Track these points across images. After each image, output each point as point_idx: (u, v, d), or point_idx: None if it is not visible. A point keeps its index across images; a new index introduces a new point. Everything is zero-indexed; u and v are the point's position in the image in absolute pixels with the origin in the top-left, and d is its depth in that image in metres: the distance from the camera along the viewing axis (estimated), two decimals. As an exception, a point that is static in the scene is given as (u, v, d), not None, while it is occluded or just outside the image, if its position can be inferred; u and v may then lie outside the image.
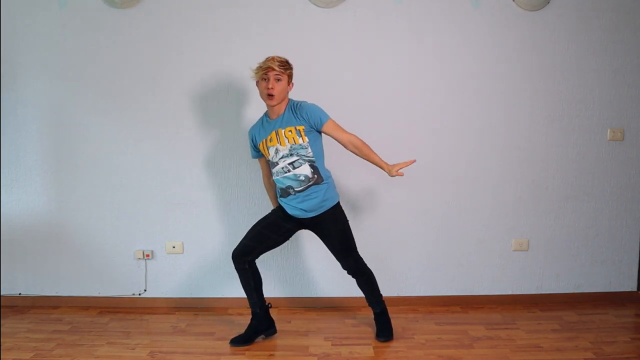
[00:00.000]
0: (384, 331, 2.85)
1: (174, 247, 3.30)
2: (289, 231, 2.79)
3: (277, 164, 2.67)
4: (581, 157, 3.31)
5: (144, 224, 3.28)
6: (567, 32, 3.22)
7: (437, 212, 3.31)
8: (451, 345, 2.76)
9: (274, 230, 2.76)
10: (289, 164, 2.64)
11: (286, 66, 2.64)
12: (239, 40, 3.16)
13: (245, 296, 2.80)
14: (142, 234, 3.29)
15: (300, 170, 2.64)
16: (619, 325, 3.04)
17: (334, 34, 3.16)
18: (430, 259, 3.34)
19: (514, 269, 3.37)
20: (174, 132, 3.22)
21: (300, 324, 3.06)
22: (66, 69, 3.18)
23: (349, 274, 2.81)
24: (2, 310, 3.21)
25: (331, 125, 2.66)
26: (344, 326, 3.04)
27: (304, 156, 2.64)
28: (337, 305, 3.30)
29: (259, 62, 2.64)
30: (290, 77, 2.67)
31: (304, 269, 3.33)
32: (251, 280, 2.78)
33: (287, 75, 2.64)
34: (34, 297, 3.33)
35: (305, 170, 2.64)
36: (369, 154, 2.65)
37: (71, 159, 3.24)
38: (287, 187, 2.67)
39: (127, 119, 3.22)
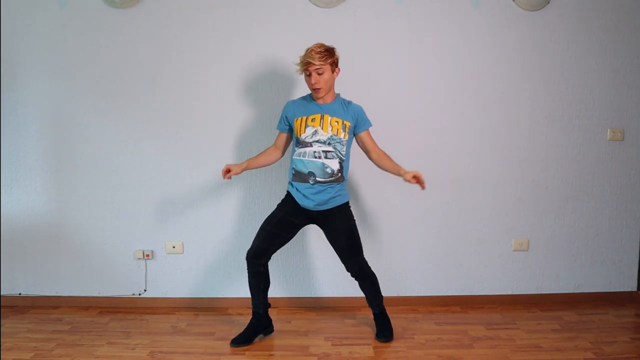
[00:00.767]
0: (384, 331, 2.85)
1: (174, 247, 3.30)
2: (297, 226, 2.77)
3: (311, 145, 2.64)
4: (581, 157, 3.31)
5: (144, 224, 3.28)
6: (567, 32, 3.22)
7: (437, 212, 3.31)
8: (451, 345, 2.76)
9: (284, 227, 2.73)
10: (323, 151, 2.63)
11: (326, 57, 2.57)
12: (239, 40, 3.16)
13: (245, 296, 2.80)
14: (142, 234, 3.29)
15: (330, 162, 2.64)
16: (619, 325, 3.04)
17: (334, 34, 3.15)
18: (430, 259, 3.34)
19: (514, 269, 3.37)
20: (174, 132, 3.22)
21: (300, 324, 3.06)
22: (66, 69, 3.18)
23: (352, 276, 2.79)
24: (2, 310, 3.21)
25: (369, 132, 2.75)
26: (344, 326, 3.04)
27: (339, 151, 2.65)
28: (337, 305, 3.30)
29: (300, 56, 2.61)
30: (334, 64, 2.63)
31: (304, 269, 3.33)
32: (262, 282, 2.78)
33: (330, 64, 2.60)
34: (34, 297, 3.33)
35: (334, 164, 2.65)
36: (389, 163, 2.71)
37: (71, 159, 3.24)
38: (309, 172, 2.65)
39: (127, 119, 3.22)
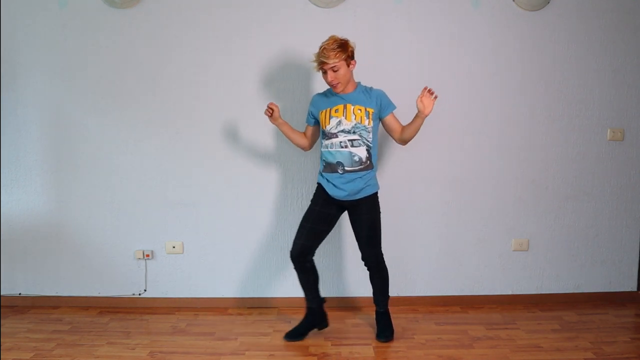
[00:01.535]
0: (385, 331, 2.84)
1: (174, 247, 3.30)
2: (335, 217, 2.79)
3: (336, 136, 2.64)
4: (581, 157, 3.31)
5: (144, 224, 3.28)
6: (567, 32, 3.22)
7: (437, 212, 3.31)
8: (451, 345, 2.76)
9: (323, 221, 2.76)
10: (348, 140, 2.63)
11: (340, 52, 2.56)
12: (239, 40, 3.16)
13: (245, 296, 2.80)
14: (142, 234, 3.29)
15: (357, 150, 2.64)
16: (619, 325, 3.04)
17: (334, 34, 3.15)
18: (430, 258, 3.34)
19: (514, 269, 3.37)
20: (174, 132, 3.22)
21: (300, 324, 3.06)
22: (66, 69, 3.18)
23: (366, 265, 2.80)
24: (2, 310, 3.21)
25: (394, 115, 2.73)
26: (344, 326, 3.03)
27: (365, 138, 2.65)
28: (337, 305, 3.30)
29: (315, 53, 2.60)
30: (348, 58, 2.61)
31: (304, 269, 3.33)
32: (312, 276, 2.80)
33: (344, 60, 2.59)
34: (34, 297, 3.33)
35: (361, 152, 2.65)
36: (409, 127, 2.69)
37: (71, 159, 3.24)
38: (337, 162, 2.66)
39: (127, 119, 3.22)
